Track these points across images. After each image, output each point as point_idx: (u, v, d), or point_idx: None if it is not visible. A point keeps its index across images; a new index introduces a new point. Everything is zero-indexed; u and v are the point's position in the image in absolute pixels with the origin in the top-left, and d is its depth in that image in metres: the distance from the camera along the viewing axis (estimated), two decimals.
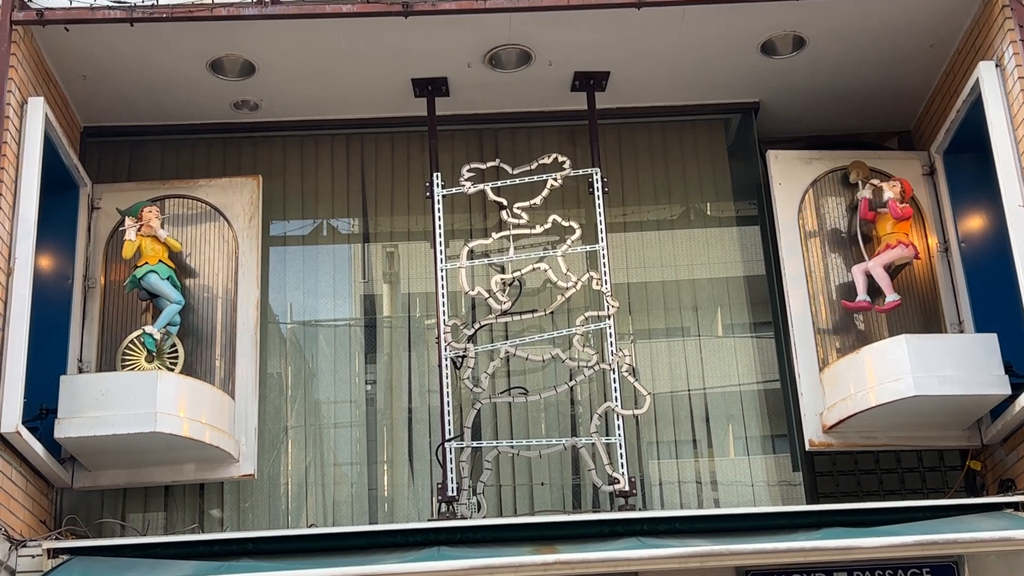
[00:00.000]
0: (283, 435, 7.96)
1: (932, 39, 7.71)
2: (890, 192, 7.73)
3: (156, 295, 7.52)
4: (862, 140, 8.69)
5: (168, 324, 7.46)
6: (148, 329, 7.39)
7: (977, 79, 7.18)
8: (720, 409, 8.04)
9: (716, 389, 8.10)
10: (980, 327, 7.48)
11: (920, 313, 7.80)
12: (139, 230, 7.56)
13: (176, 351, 7.50)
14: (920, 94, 8.30)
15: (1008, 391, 6.91)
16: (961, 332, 7.66)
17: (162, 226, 7.62)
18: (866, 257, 7.77)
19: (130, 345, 7.49)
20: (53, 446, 6.91)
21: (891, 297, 7.56)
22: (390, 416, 8.01)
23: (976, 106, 7.29)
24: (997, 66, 7.11)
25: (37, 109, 7.03)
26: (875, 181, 7.88)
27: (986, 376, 6.94)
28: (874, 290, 7.65)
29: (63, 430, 6.83)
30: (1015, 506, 6.83)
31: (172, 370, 7.38)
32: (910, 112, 8.52)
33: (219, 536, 6.94)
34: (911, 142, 8.66)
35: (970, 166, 7.75)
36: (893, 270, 7.71)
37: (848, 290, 7.76)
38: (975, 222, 7.74)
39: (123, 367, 7.42)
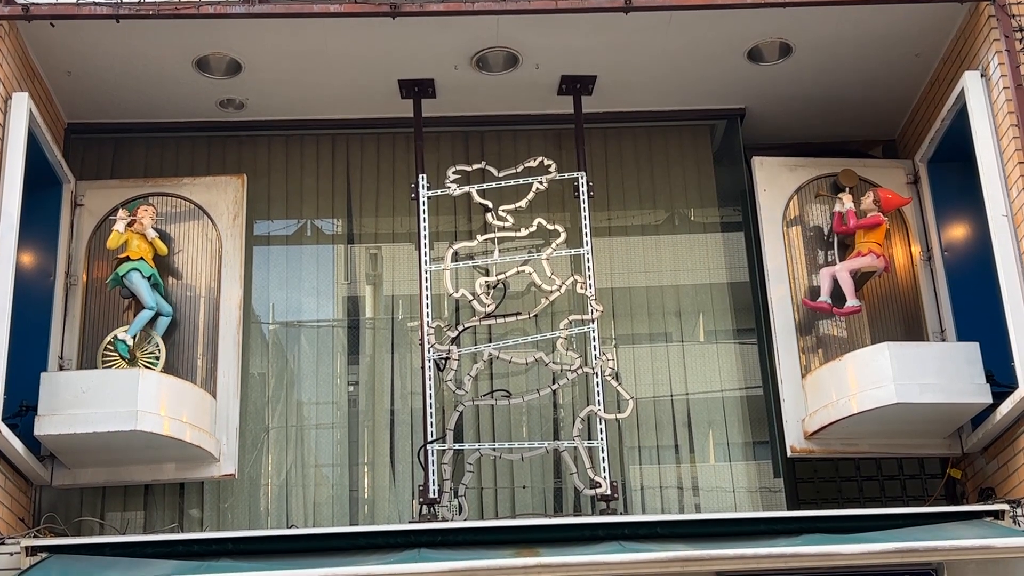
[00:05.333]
0: (264, 435, 7.93)
1: (918, 48, 7.73)
2: (849, 204, 7.72)
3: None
4: (847, 148, 8.69)
5: (151, 328, 7.43)
6: (120, 336, 7.35)
7: (962, 89, 7.21)
8: (702, 415, 8.04)
9: (698, 395, 8.10)
10: (962, 336, 7.51)
11: (902, 321, 7.82)
12: (129, 224, 7.53)
13: (157, 349, 7.47)
14: (905, 103, 8.33)
15: (989, 400, 6.94)
16: (943, 340, 7.67)
17: (154, 228, 7.61)
18: (837, 261, 7.79)
19: (111, 343, 7.45)
20: (33, 443, 6.87)
21: (851, 303, 7.55)
22: (372, 418, 7.98)
23: (961, 116, 7.31)
24: (982, 76, 7.14)
25: (21, 105, 6.98)
26: (842, 196, 7.85)
27: (967, 384, 6.97)
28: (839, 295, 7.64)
29: (43, 427, 6.80)
30: (995, 514, 6.85)
31: (153, 368, 7.35)
32: (895, 121, 8.55)
33: (199, 536, 6.91)
34: (896, 151, 8.69)
35: (954, 175, 7.77)
36: (859, 277, 7.69)
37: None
38: (958, 231, 7.77)
39: (104, 365, 7.39)
